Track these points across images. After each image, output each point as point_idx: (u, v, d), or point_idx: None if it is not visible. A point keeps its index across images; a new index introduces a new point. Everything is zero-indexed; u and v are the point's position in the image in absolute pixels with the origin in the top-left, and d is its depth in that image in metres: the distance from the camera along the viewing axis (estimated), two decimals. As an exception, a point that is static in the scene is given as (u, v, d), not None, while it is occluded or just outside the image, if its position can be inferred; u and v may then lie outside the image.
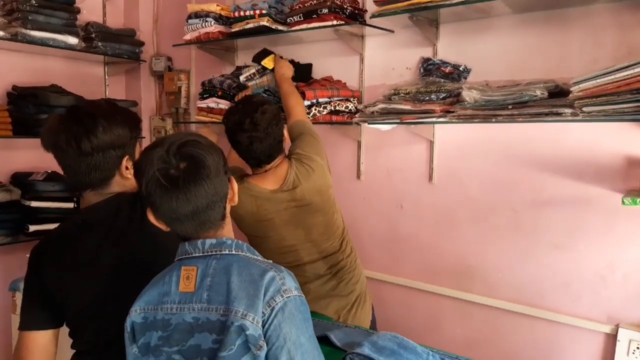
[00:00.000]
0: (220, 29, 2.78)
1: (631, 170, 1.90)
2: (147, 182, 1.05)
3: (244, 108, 1.86)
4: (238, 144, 1.85)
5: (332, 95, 2.43)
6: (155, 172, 1.03)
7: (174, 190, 1.03)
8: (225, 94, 2.79)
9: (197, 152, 1.06)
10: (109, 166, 1.33)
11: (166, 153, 1.05)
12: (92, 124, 1.28)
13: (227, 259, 1.07)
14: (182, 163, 1.04)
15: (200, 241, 1.09)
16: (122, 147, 1.35)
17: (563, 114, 1.80)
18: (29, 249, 2.51)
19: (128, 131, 1.35)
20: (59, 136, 1.29)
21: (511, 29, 2.14)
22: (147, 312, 1.09)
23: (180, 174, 1.04)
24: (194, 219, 1.07)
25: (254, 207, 1.91)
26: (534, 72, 2.05)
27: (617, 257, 1.95)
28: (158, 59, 3.44)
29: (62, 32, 2.89)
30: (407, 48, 2.43)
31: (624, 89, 1.64)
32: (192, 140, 1.09)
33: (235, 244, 1.11)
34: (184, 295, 1.06)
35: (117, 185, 1.37)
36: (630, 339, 1.92)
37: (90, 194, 1.37)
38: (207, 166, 1.06)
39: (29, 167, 3.02)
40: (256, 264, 1.07)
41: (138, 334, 1.10)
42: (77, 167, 1.31)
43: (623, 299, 1.96)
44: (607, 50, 1.93)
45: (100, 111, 1.33)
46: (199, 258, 1.09)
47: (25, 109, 2.81)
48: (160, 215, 1.09)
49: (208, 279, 1.05)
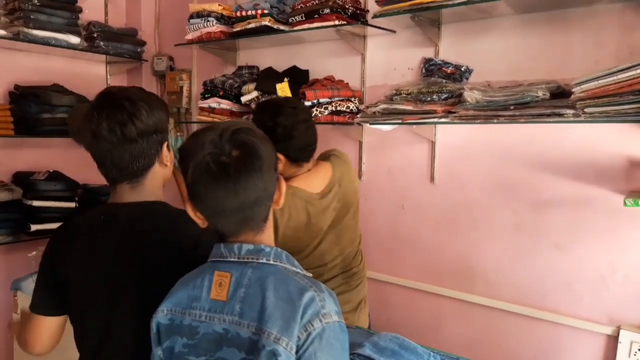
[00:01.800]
0: (222, 29, 2.78)
1: (633, 171, 1.90)
2: (194, 167, 0.97)
3: (283, 100, 1.85)
4: (293, 138, 1.70)
5: (333, 95, 2.43)
6: (205, 156, 0.95)
7: (223, 178, 0.95)
8: (227, 94, 2.79)
9: (252, 140, 0.98)
10: (152, 152, 1.25)
11: (219, 138, 0.97)
12: (135, 108, 1.20)
13: (264, 269, 0.98)
14: (235, 150, 0.96)
15: (236, 245, 1.00)
16: (163, 131, 1.27)
17: (565, 115, 1.79)
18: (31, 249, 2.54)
19: (165, 115, 1.28)
20: (100, 125, 1.17)
21: (513, 29, 2.14)
22: (174, 315, 1.02)
23: (232, 161, 0.95)
24: (238, 214, 0.98)
25: (305, 217, 1.74)
26: (535, 72, 2.05)
27: (618, 258, 1.95)
28: (160, 58, 3.44)
29: (64, 31, 2.89)
30: (408, 48, 2.43)
31: (626, 90, 1.64)
32: (247, 127, 1.01)
33: (274, 252, 1.01)
34: (215, 304, 0.98)
35: (154, 175, 1.28)
36: (632, 341, 1.92)
37: (126, 187, 1.26)
38: (261, 157, 0.97)
39: (30, 167, 3.02)
40: (295, 279, 0.97)
41: (163, 336, 1.04)
42: (120, 157, 1.21)
43: (624, 300, 1.96)
44: (609, 51, 1.92)
45: (138, 95, 1.25)
46: (233, 264, 1.00)
47: (27, 108, 2.82)
48: (202, 207, 1.00)
49: (242, 289, 0.96)
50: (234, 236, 1.02)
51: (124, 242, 1.22)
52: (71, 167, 3.13)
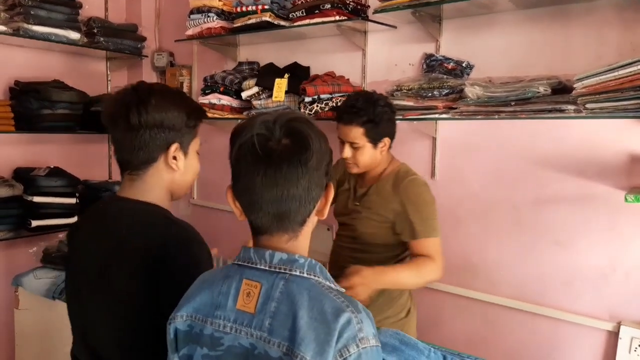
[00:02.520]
0: (223, 24, 2.77)
1: (634, 167, 1.89)
2: (240, 144, 0.91)
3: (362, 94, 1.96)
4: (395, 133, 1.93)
5: (334, 91, 2.42)
6: (253, 136, 0.89)
7: (264, 163, 0.89)
8: (227, 89, 2.79)
9: (307, 132, 0.92)
10: (154, 147, 1.21)
11: (272, 122, 0.91)
12: (145, 96, 1.19)
13: (297, 282, 0.90)
14: (285, 138, 0.90)
15: (268, 252, 0.92)
16: (173, 130, 1.22)
17: (566, 111, 1.79)
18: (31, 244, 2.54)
19: (184, 116, 1.23)
20: (114, 105, 1.21)
21: (514, 25, 2.13)
22: (194, 322, 0.95)
23: (278, 147, 0.89)
24: (273, 206, 0.91)
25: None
26: (537, 68, 2.05)
27: (620, 255, 1.95)
28: (160, 54, 3.43)
29: (64, 27, 2.89)
30: (409, 44, 2.42)
31: (627, 86, 1.64)
32: (305, 119, 0.96)
33: (308, 263, 0.93)
34: (242, 315, 0.91)
35: (157, 175, 1.24)
36: (632, 337, 1.92)
37: (127, 177, 1.25)
38: (311, 151, 0.90)
39: (31, 163, 3.02)
40: (330, 296, 0.89)
41: (181, 343, 0.97)
42: (122, 142, 1.22)
43: (625, 297, 1.96)
44: (611, 46, 1.92)
45: (159, 87, 1.25)
46: (263, 272, 0.92)
47: (27, 104, 2.81)
48: (240, 191, 0.94)
49: (272, 303, 0.89)
50: (267, 233, 0.95)
51: (104, 238, 1.21)
52: (72, 163, 3.13)
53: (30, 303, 2.25)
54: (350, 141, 1.85)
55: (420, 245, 1.83)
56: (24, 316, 2.32)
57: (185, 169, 1.27)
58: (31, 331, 2.30)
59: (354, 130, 1.83)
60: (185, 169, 1.27)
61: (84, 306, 1.23)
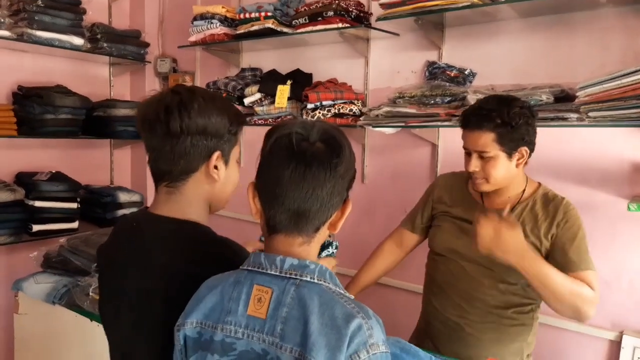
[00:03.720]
0: (226, 31, 2.78)
1: (636, 175, 1.89)
2: (276, 138, 0.94)
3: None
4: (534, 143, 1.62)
5: (336, 98, 2.42)
6: (291, 134, 0.92)
7: (296, 158, 0.91)
8: (229, 95, 2.79)
9: (342, 142, 0.95)
10: (196, 156, 1.11)
11: (311, 125, 0.95)
12: (188, 99, 1.09)
13: (308, 288, 0.90)
14: (320, 142, 0.93)
15: (279, 258, 0.93)
16: (216, 137, 1.12)
17: (569, 119, 1.79)
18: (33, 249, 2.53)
19: (227, 122, 1.13)
20: (150, 107, 1.10)
21: (517, 33, 2.13)
22: (204, 329, 0.95)
23: (312, 148, 0.92)
24: (294, 204, 0.91)
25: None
26: (539, 76, 2.05)
27: (622, 264, 1.94)
28: (163, 60, 3.44)
29: (67, 32, 2.90)
30: (412, 51, 2.43)
31: (630, 94, 1.64)
32: (342, 132, 0.98)
33: (318, 269, 0.93)
34: (253, 321, 0.91)
35: (197, 186, 1.14)
36: (635, 346, 1.91)
37: (163, 190, 1.14)
38: (342, 160, 0.93)
39: (33, 167, 3.02)
40: (340, 302, 0.89)
41: (190, 350, 0.97)
42: (161, 150, 1.10)
43: (628, 306, 1.95)
44: (614, 55, 1.92)
45: (201, 90, 1.15)
46: (274, 278, 0.92)
47: (30, 109, 2.82)
48: (264, 183, 0.95)
49: (284, 309, 0.89)
50: (282, 232, 0.95)
51: (144, 263, 1.11)
52: (73, 168, 3.14)
53: (30, 308, 2.24)
54: (479, 150, 1.54)
55: (579, 277, 1.51)
56: (23, 321, 2.31)
57: (225, 180, 1.17)
58: (31, 336, 2.29)
59: (484, 136, 1.52)
60: (225, 180, 1.17)
61: (126, 331, 1.16)
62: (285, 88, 2.54)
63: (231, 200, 1.25)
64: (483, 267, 1.62)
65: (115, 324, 1.18)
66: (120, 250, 1.18)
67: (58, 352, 2.16)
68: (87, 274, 2.08)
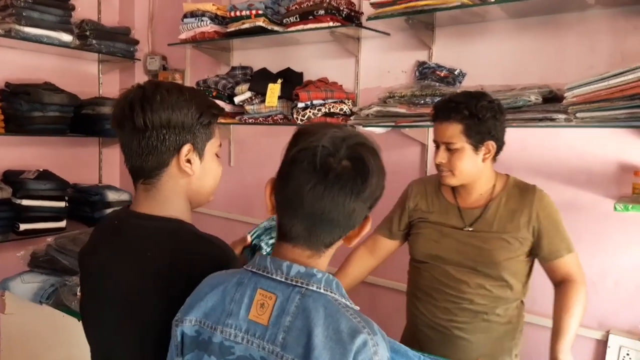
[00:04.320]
0: (216, 29, 2.77)
1: (623, 176, 1.91)
2: (302, 148, 0.89)
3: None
4: (502, 140, 1.64)
5: (327, 97, 2.42)
6: (318, 147, 0.87)
7: (318, 176, 0.86)
8: (220, 94, 2.78)
9: (371, 163, 0.90)
10: (164, 150, 1.09)
11: (341, 139, 0.89)
12: (150, 93, 1.07)
13: (314, 297, 0.87)
14: (346, 160, 0.88)
15: (286, 264, 0.90)
16: (183, 129, 1.09)
17: (557, 120, 1.81)
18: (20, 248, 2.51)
19: (196, 113, 1.10)
20: (118, 104, 1.09)
21: (506, 33, 2.14)
22: (202, 328, 0.93)
23: (337, 167, 0.87)
24: (309, 220, 0.89)
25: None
26: (528, 77, 2.06)
27: (609, 264, 1.96)
28: (153, 57, 3.42)
29: (56, 29, 2.88)
30: (402, 51, 2.43)
31: (618, 96, 1.65)
32: (374, 149, 0.93)
33: (325, 279, 0.90)
34: (254, 326, 0.88)
35: (172, 182, 1.12)
36: (621, 345, 1.93)
37: (141, 188, 1.13)
38: (367, 184, 0.89)
39: (20, 165, 2.99)
40: (346, 315, 0.86)
41: (186, 347, 0.95)
42: (130, 146, 1.09)
43: (614, 306, 1.96)
44: (602, 56, 1.93)
45: (167, 84, 1.12)
46: (279, 284, 0.89)
47: (17, 106, 2.80)
48: (281, 191, 0.92)
49: (287, 317, 0.86)
50: (292, 242, 0.92)
51: (128, 262, 1.10)
52: (61, 166, 3.11)
53: (17, 307, 2.22)
54: (447, 142, 1.56)
55: (564, 263, 1.61)
56: (10, 320, 2.29)
57: (202, 173, 1.15)
58: (18, 335, 2.27)
59: (451, 127, 1.54)
60: (202, 173, 1.15)
61: (109, 331, 1.14)
62: (276, 87, 2.54)
63: (221, 200, 1.24)
64: (467, 268, 1.63)
65: (98, 325, 1.17)
66: (101, 249, 1.17)
67: (45, 352, 2.14)
68: (75, 274, 2.06)
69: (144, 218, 1.11)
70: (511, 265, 1.60)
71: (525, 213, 1.59)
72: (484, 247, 1.60)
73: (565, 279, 1.61)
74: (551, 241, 1.59)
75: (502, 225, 1.59)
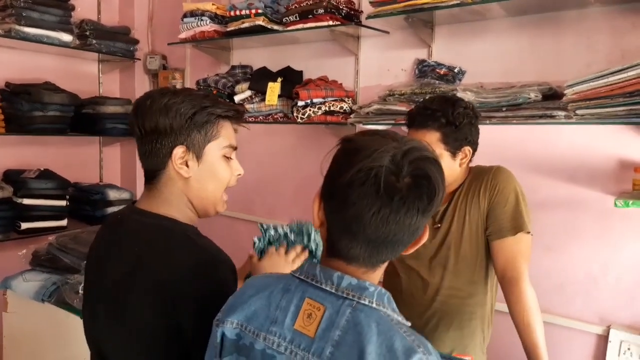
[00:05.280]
0: (216, 28, 2.78)
1: (623, 172, 1.91)
2: (361, 169, 0.81)
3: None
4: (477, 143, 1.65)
5: (327, 96, 2.43)
6: (380, 168, 0.80)
7: (383, 200, 0.80)
8: (220, 93, 2.79)
9: (436, 180, 0.83)
10: (159, 153, 1.10)
11: (402, 155, 0.82)
12: (142, 101, 1.11)
13: (366, 312, 0.82)
14: (409, 177, 0.81)
15: (337, 274, 0.84)
16: (172, 131, 1.09)
17: (556, 117, 1.81)
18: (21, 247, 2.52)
19: (187, 114, 1.09)
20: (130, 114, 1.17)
21: (506, 31, 2.15)
22: (244, 332, 0.88)
23: (403, 188, 0.81)
24: (370, 244, 0.84)
25: None
26: (528, 74, 2.07)
27: (610, 260, 1.97)
28: (153, 57, 3.42)
29: (56, 29, 2.88)
30: (402, 49, 2.44)
31: (618, 92, 1.66)
32: (436, 160, 0.86)
33: (377, 292, 0.84)
34: (299, 337, 0.83)
35: (170, 183, 1.13)
36: (622, 340, 1.93)
37: (145, 186, 1.16)
38: (433, 200, 0.83)
39: (21, 165, 3.00)
40: (400, 333, 0.81)
41: (226, 350, 0.91)
42: (138, 150, 1.15)
43: (615, 301, 1.97)
44: (601, 53, 1.94)
45: (161, 89, 1.17)
46: (329, 295, 0.84)
47: (18, 105, 2.80)
48: (338, 212, 0.85)
49: (337, 331, 0.81)
50: (345, 260, 0.86)
51: (120, 257, 1.11)
52: (62, 165, 3.12)
53: (19, 306, 2.23)
54: None
55: (504, 246, 1.55)
56: (12, 319, 2.29)
57: (200, 175, 1.13)
58: (20, 334, 2.28)
59: (428, 135, 1.53)
60: (200, 175, 1.13)
61: (101, 325, 1.15)
62: (276, 85, 2.54)
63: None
64: (437, 265, 1.66)
65: (92, 318, 1.18)
66: (102, 243, 1.20)
67: (48, 349, 2.15)
68: (77, 272, 2.07)
69: (143, 214, 1.13)
70: (467, 257, 1.62)
71: (482, 195, 1.60)
72: (451, 234, 1.62)
73: (504, 275, 1.54)
74: (496, 218, 1.56)
75: (463, 208, 1.61)
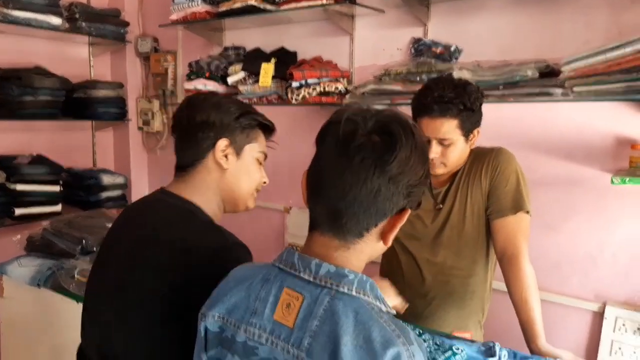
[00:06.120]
0: (208, 9, 2.73)
1: (620, 149, 1.91)
2: (328, 123, 0.84)
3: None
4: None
5: (322, 76, 2.40)
6: (343, 120, 0.81)
7: (339, 148, 0.80)
8: (213, 75, 2.76)
9: (401, 138, 0.80)
10: (201, 145, 1.18)
11: (373, 113, 0.82)
12: (193, 99, 1.24)
13: (344, 301, 0.79)
14: (375, 135, 0.80)
15: (315, 262, 0.82)
16: (221, 126, 1.17)
17: (554, 94, 1.80)
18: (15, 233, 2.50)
19: (235, 113, 1.19)
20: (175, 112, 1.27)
21: (502, 8, 2.13)
22: (226, 324, 0.88)
23: (361, 139, 0.79)
24: (331, 201, 0.82)
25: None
26: (525, 52, 2.05)
27: (607, 237, 1.97)
28: (144, 39, 3.37)
29: (45, 12, 2.82)
30: (397, 28, 2.41)
31: (615, 69, 1.65)
32: (409, 125, 0.82)
33: (358, 280, 0.82)
34: (279, 327, 0.82)
35: (205, 172, 1.19)
36: (617, 317, 1.95)
37: (176, 174, 1.22)
38: (395, 158, 0.79)
39: (13, 150, 2.97)
40: (379, 322, 0.78)
41: (210, 343, 0.90)
42: (178, 143, 1.22)
43: (611, 278, 1.99)
44: (599, 30, 1.92)
45: (211, 93, 1.33)
46: (307, 284, 0.82)
47: (8, 90, 2.76)
48: (310, 172, 0.86)
49: (314, 322, 0.79)
50: (319, 230, 0.85)
51: (137, 229, 1.16)
52: (55, 150, 3.09)
53: (16, 291, 2.22)
54: (441, 137, 1.51)
55: (505, 224, 1.56)
56: (9, 304, 2.29)
57: (236, 170, 1.20)
58: (17, 319, 2.28)
59: (447, 123, 1.49)
60: (236, 170, 1.20)
61: (107, 295, 1.16)
62: (270, 66, 2.51)
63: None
64: (439, 245, 1.66)
65: (99, 289, 1.20)
66: (122, 215, 1.27)
67: (45, 334, 2.15)
68: (72, 257, 2.05)
69: (168, 195, 1.19)
70: (470, 239, 1.64)
71: (484, 175, 1.60)
72: (452, 214, 1.63)
73: (505, 252, 1.54)
74: (498, 198, 1.57)
75: (466, 188, 1.61)
